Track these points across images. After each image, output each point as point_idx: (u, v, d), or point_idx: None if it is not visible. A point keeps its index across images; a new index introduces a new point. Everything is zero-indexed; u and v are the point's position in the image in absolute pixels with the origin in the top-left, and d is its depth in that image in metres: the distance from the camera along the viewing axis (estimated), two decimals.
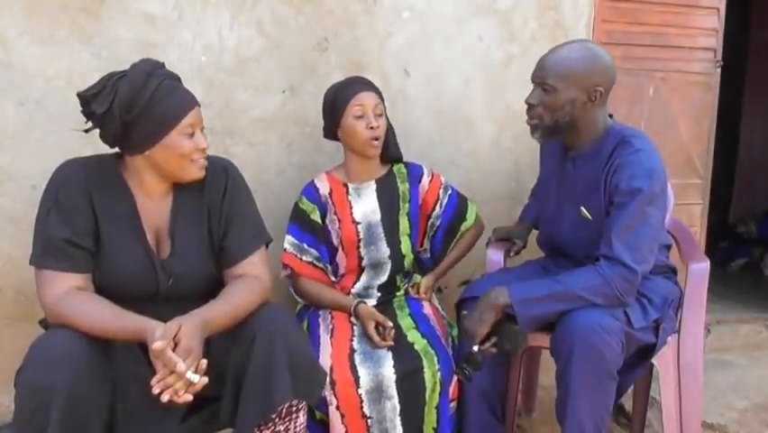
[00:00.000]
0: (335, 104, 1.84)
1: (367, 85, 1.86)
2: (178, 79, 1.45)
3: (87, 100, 1.37)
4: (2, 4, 1.84)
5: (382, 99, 1.88)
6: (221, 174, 1.53)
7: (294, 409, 1.44)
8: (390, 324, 1.73)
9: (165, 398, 1.22)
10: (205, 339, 1.32)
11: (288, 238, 1.88)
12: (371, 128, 1.80)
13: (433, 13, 2.25)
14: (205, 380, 1.25)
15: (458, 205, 2.00)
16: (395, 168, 1.98)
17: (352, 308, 1.81)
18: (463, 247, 2.02)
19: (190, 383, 1.23)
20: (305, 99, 2.15)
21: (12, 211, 1.90)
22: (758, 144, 4.76)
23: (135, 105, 1.34)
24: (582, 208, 1.67)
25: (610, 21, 2.44)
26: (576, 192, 1.70)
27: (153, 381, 1.22)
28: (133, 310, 1.33)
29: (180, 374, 1.21)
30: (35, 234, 1.39)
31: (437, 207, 1.97)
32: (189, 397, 1.24)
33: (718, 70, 2.61)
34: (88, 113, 1.38)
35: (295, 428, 1.46)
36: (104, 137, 1.41)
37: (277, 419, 1.42)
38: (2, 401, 1.91)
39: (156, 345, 1.21)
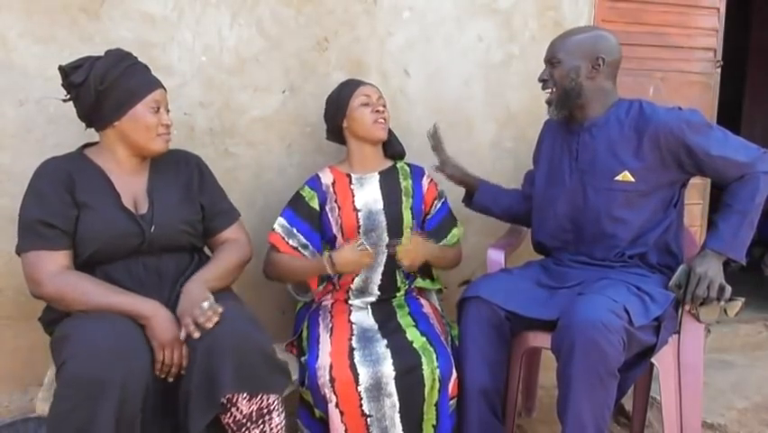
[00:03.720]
0: (340, 96, 1.94)
1: (369, 82, 1.96)
2: (148, 69, 1.62)
3: (67, 72, 1.55)
4: (2, 5, 1.84)
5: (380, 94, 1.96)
6: (192, 160, 1.72)
7: (265, 411, 1.45)
8: (364, 243, 1.78)
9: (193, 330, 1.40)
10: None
11: (280, 220, 1.92)
12: (377, 111, 1.90)
13: (433, 13, 2.25)
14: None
15: (446, 216, 2.02)
16: (398, 164, 2.02)
17: (327, 260, 1.78)
18: (451, 257, 2.00)
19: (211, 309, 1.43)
20: (305, 99, 2.15)
21: (12, 211, 1.88)
22: (758, 144, 4.76)
23: (108, 78, 1.51)
24: (627, 172, 1.74)
25: (610, 21, 2.44)
26: (602, 159, 1.78)
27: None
28: (126, 263, 1.52)
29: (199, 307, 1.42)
30: (18, 227, 1.50)
31: (432, 210, 2.00)
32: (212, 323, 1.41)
33: (718, 70, 2.61)
34: (68, 84, 1.56)
35: (270, 430, 1.47)
36: (79, 110, 1.58)
37: (249, 423, 1.44)
38: (1, 401, 1.91)
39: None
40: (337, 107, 1.94)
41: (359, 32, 2.18)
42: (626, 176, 1.74)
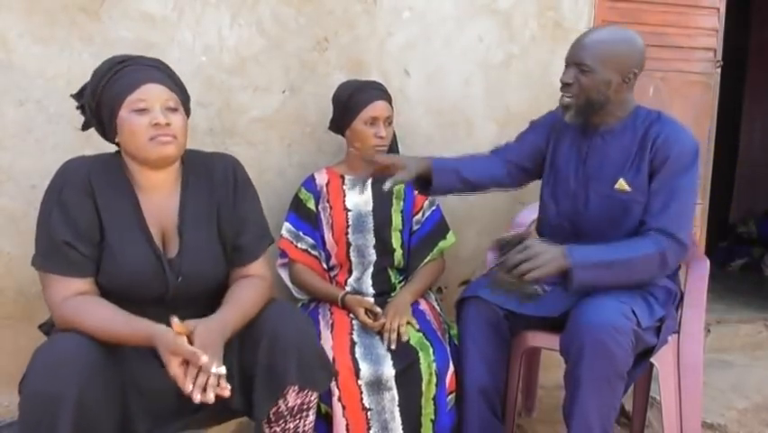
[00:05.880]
0: (349, 106, 1.89)
1: (383, 93, 1.93)
2: (157, 66, 1.42)
3: (75, 98, 1.45)
4: (2, 5, 1.84)
5: (392, 106, 1.94)
6: (229, 173, 1.52)
7: (305, 407, 1.45)
8: (379, 309, 1.77)
9: (197, 398, 1.20)
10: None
11: (286, 225, 1.95)
12: (380, 138, 1.88)
13: (433, 13, 2.25)
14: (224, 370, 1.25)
15: (439, 222, 2.01)
16: None
17: (340, 299, 1.85)
18: (427, 279, 1.97)
19: (218, 376, 1.22)
20: (305, 99, 2.15)
21: (12, 211, 1.90)
22: (758, 144, 4.77)
23: (96, 92, 1.37)
24: (622, 180, 1.68)
25: (610, 21, 2.44)
26: (610, 165, 1.72)
27: (187, 383, 1.21)
28: (141, 312, 1.32)
29: (205, 367, 1.21)
30: (38, 235, 1.38)
31: (419, 214, 2.00)
32: (212, 399, 1.21)
33: (718, 70, 2.61)
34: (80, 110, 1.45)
35: (304, 426, 1.48)
36: (97, 131, 1.44)
37: (288, 416, 1.43)
38: (1, 402, 1.91)
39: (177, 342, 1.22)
40: (344, 113, 1.91)
41: (359, 32, 2.18)
42: (622, 185, 1.69)
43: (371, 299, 1.89)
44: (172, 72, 1.46)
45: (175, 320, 1.25)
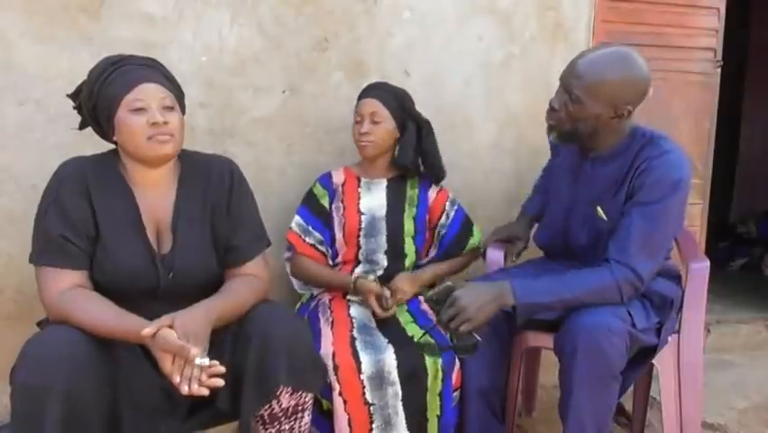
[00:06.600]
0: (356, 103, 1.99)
1: (373, 90, 1.95)
2: (151, 65, 1.45)
3: (72, 98, 1.48)
4: (2, 5, 1.84)
5: (395, 104, 1.93)
6: (226, 174, 1.54)
7: (300, 408, 1.45)
8: (389, 293, 1.80)
9: (185, 389, 1.22)
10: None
11: (296, 219, 1.96)
12: (360, 134, 1.92)
13: (433, 13, 2.25)
14: (216, 363, 1.26)
15: (465, 221, 2.03)
16: (409, 174, 2.03)
17: (352, 284, 1.86)
18: (454, 265, 2.02)
19: (202, 368, 1.23)
20: (305, 99, 2.15)
21: (12, 211, 1.91)
22: (758, 144, 4.77)
23: (92, 93, 1.40)
24: (599, 209, 1.64)
25: (610, 21, 2.44)
26: (593, 192, 1.68)
27: (174, 375, 1.23)
28: (133, 307, 1.34)
29: (190, 360, 1.22)
30: (34, 233, 1.41)
31: (443, 218, 2.01)
32: (205, 391, 1.23)
33: (718, 70, 2.61)
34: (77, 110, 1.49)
35: (299, 427, 1.48)
36: (94, 130, 1.48)
37: (282, 418, 1.43)
38: (1, 401, 1.91)
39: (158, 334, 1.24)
40: None
41: (359, 32, 2.18)
42: (600, 213, 1.66)
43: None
44: (166, 70, 1.48)
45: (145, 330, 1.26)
